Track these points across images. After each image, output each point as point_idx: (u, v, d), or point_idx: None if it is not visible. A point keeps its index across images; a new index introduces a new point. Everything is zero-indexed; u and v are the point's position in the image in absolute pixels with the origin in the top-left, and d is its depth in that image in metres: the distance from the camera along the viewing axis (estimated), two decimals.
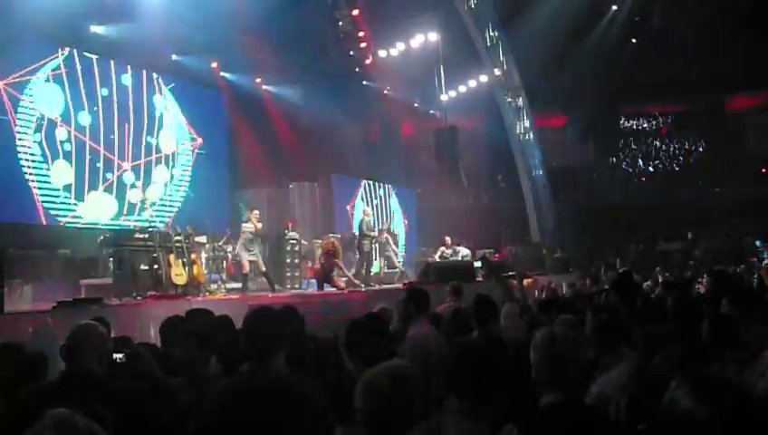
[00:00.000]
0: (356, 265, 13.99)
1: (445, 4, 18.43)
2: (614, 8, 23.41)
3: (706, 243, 21.64)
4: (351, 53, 18.27)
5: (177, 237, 10.78)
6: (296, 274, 13.80)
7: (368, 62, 18.80)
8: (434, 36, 18.16)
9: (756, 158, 25.58)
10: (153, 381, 3.44)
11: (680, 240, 22.54)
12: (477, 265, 14.19)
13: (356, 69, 19.25)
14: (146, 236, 10.63)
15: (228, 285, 12.26)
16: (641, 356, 3.34)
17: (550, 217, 22.36)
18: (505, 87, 21.44)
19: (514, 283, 6.77)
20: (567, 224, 22.64)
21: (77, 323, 3.44)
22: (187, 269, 10.40)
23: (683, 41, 22.78)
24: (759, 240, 19.57)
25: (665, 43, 23.36)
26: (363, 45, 18.09)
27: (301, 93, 17.92)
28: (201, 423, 2.68)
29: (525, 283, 10.36)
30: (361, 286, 12.96)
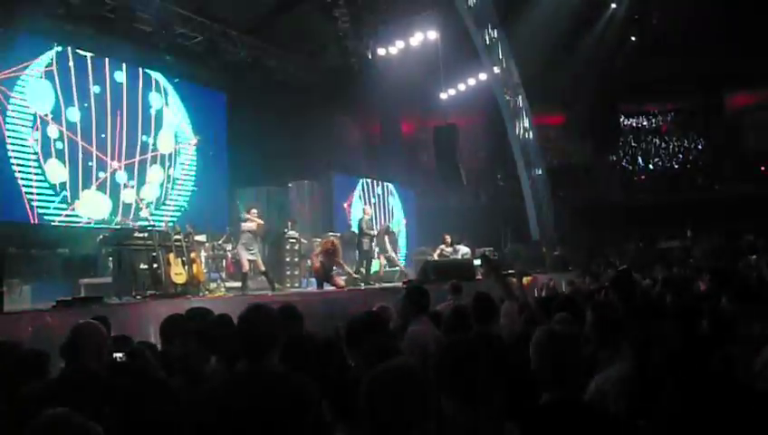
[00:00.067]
0: (356, 264, 14.01)
1: (444, 2, 18.40)
2: (613, 6, 23.41)
3: (706, 241, 21.64)
4: (351, 51, 18.24)
5: (177, 236, 10.79)
6: (296, 272, 13.80)
7: (367, 60, 18.77)
8: (433, 35, 18.14)
9: (756, 155, 25.57)
10: (153, 380, 3.44)
11: (679, 238, 22.54)
12: (477, 263, 14.19)
13: (355, 67, 19.23)
14: (145, 235, 10.63)
15: (228, 284, 12.28)
16: (638, 352, 3.34)
17: (549, 216, 22.35)
18: (505, 85, 21.42)
19: (514, 281, 6.75)
20: (566, 222, 22.63)
21: (76, 322, 3.45)
22: (186, 268, 10.41)
23: (682, 38, 22.77)
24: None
25: (664, 40, 23.36)
26: (362, 44, 18.05)
27: (300, 91, 17.90)
28: (198, 422, 2.69)
29: (525, 281, 10.34)
30: (361, 284, 12.99)
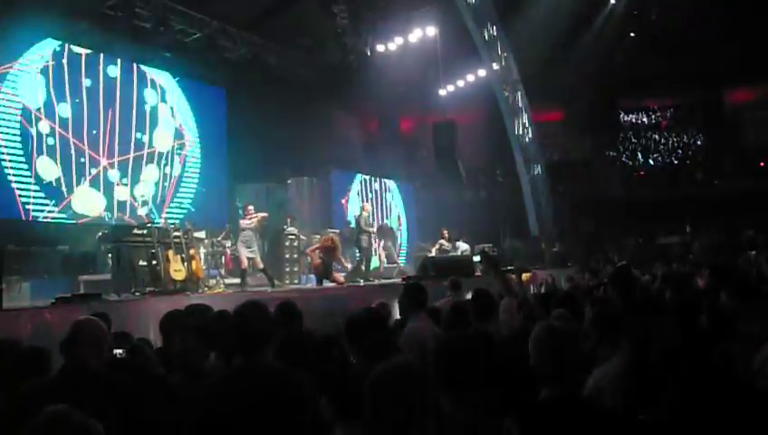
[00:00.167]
0: (356, 261, 14.04)
1: None
2: (612, 2, 23.38)
3: (705, 236, 21.64)
4: (349, 47, 18.21)
5: (176, 233, 10.80)
6: (295, 269, 13.82)
7: (366, 56, 18.74)
8: (432, 31, 18.11)
9: (755, 151, 25.55)
10: (153, 377, 3.44)
11: (679, 234, 22.54)
12: (476, 259, 14.20)
13: (354, 64, 19.20)
14: (144, 231, 10.63)
15: (227, 281, 12.29)
16: (636, 348, 3.35)
17: (548, 212, 22.35)
18: (504, 82, 21.41)
19: (513, 277, 6.76)
20: (566, 218, 22.64)
21: (76, 319, 3.44)
22: (185, 265, 10.42)
23: (681, 34, 22.74)
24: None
25: (663, 36, 23.33)
26: (361, 40, 18.02)
27: (299, 88, 17.89)
28: (194, 418, 2.69)
29: (524, 277, 10.37)
30: (360, 280, 13.01)
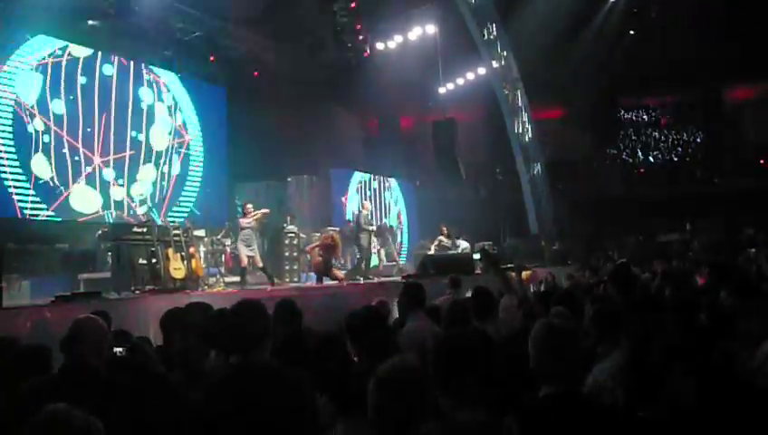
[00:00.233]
0: (356, 260, 14.05)
1: None
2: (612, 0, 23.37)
3: (705, 234, 21.64)
4: (349, 45, 18.21)
5: (176, 231, 10.80)
6: (295, 267, 13.82)
7: (366, 55, 18.74)
8: (432, 29, 18.11)
9: (755, 149, 25.54)
10: (153, 375, 3.44)
11: (679, 232, 22.54)
12: (476, 257, 14.20)
13: (354, 62, 19.20)
14: (144, 229, 10.63)
15: (227, 279, 12.29)
16: (635, 345, 3.35)
17: (548, 209, 22.35)
18: (504, 80, 21.40)
19: (513, 275, 6.75)
20: (565, 216, 22.63)
21: (75, 317, 3.44)
22: (185, 263, 10.42)
23: (681, 31, 22.71)
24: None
25: (663, 33, 23.30)
26: (361, 38, 18.01)
27: (298, 86, 17.88)
28: (193, 417, 2.69)
29: (524, 275, 10.36)
30: (360, 278, 13.01)
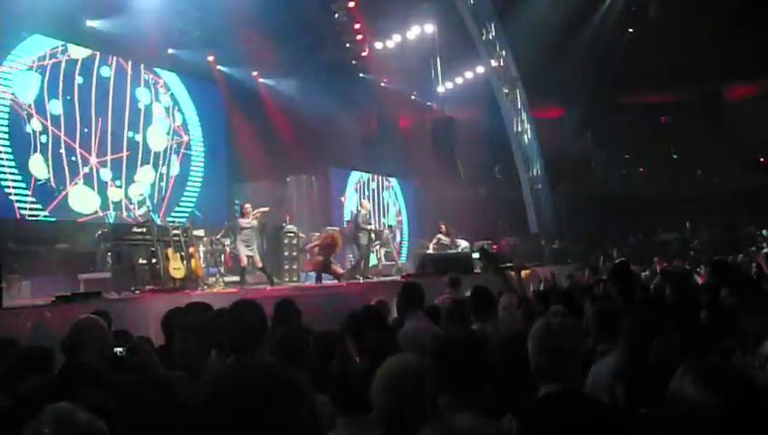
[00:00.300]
0: (355, 259, 14.05)
1: None
2: None
3: (705, 233, 21.66)
4: (348, 45, 18.21)
5: (176, 231, 10.81)
6: (294, 266, 13.82)
7: (364, 54, 18.74)
8: (430, 28, 18.12)
9: (755, 147, 25.55)
10: (153, 375, 3.44)
11: (679, 230, 22.55)
12: (475, 256, 14.20)
13: (353, 61, 19.20)
14: (144, 230, 10.63)
15: (226, 279, 12.29)
16: (631, 343, 3.35)
17: (548, 208, 22.36)
18: (502, 78, 21.40)
19: (512, 274, 6.76)
20: (565, 214, 22.64)
21: (76, 317, 3.45)
22: (185, 263, 10.42)
23: (680, 30, 22.71)
24: (766, 230, 19.52)
25: (662, 32, 23.29)
26: (360, 37, 18.01)
27: (298, 86, 17.88)
28: (189, 418, 2.69)
29: (523, 274, 10.39)
30: (359, 278, 13.01)
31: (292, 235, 13.95)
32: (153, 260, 10.21)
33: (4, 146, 11.74)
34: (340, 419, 2.64)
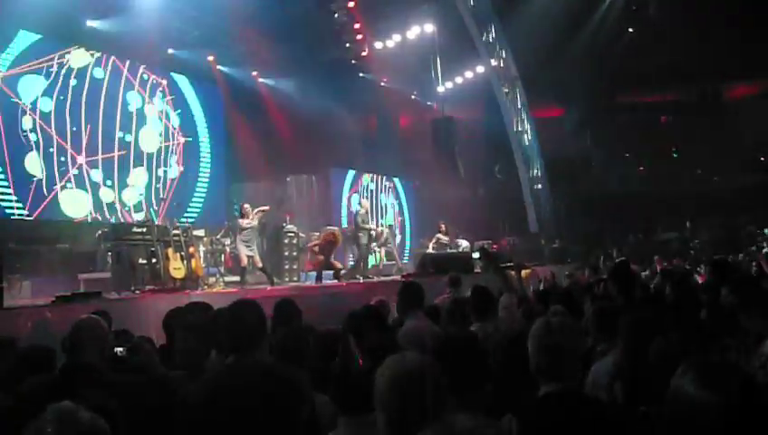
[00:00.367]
0: (355, 259, 14.06)
1: None
2: None
3: (705, 232, 21.65)
4: (348, 44, 18.21)
5: (176, 231, 10.81)
6: (294, 266, 13.82)
7: (364, 53, 18.74)
8: (430, 27, 18.12)
9: (755, 146, 25.54)
10: (154, 375, 3.44)
11: (679, 230, 22.55)
12: (475, 256, 14.21)
13: (352, 61, 19.20)
14: (144, 229, 10.63)
15: (226, 279, 12.29)
16: (629, 342, 3.35)
17: (547, 208, 22.36)
18: (502, 78, 21.40)
19: (512, 274, 6.76)
20: (565, 214, 22.64)
21: (76, 317, 3.45)
22: (185, 263, 10.42)
23: (680, 29, 22.71)
24: (766, 229, 19.50)
25: (662, 31, 23.29)
26: (359, 37, 18.01)
27: (297, 86, 17.88)
28: (189, 418, 2.69)
29: (523, 273, 10.37)
30: (359, 278, 13.01)
31: (292, 235, 13.95)
32: (153, 260, 10.21)
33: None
34: (342, 418, 2.64)
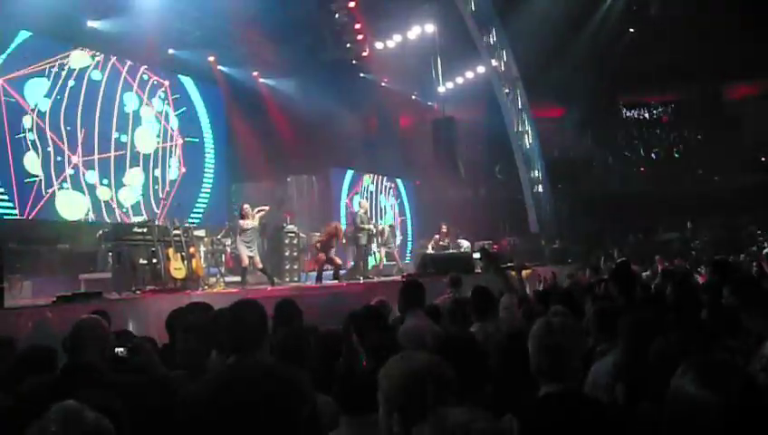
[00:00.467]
0: (354, 260, 14.06)
1: None
2: None
3: (706, 232, 21.64)
4: (348, 45, 18.21)
5: (176, 231, 10.81)
6: (295, 267, 13.83)
7: (365, 54, 18.73)
8: (431, 28, 18.12)
9: (756, 146, 25.53)
10: (155, 375, 3.44)
11: (680, 230, 22.53)
12: (476, 256, 14.20)
13: (353, 61, 19.20)
14: (144, 230, 10.64)
15: (227, 279, 12.30)
16: (629, 342, 3.35)
17: (548, 208, 22.35)
18: (503, 78, 21.40)
19: (513, 274, 6.76)
20: (566, 214, 22.64)
21: (77, 317, 3.45)
22: (185, 263, 10.43)
23: (681, 29, 22.71)
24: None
25: (663, 31, 23.29)
26: (360, 37, 18.01)
27: (298, 86, 17.88)
28: (189, 418, 2.69)
29: (524, 274, 10.37)
30: (360, 278, 13.02)
31: (292, 235, 13.95)
32: (154, 260, 10.22)
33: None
34: (344, 418, 2.64)
